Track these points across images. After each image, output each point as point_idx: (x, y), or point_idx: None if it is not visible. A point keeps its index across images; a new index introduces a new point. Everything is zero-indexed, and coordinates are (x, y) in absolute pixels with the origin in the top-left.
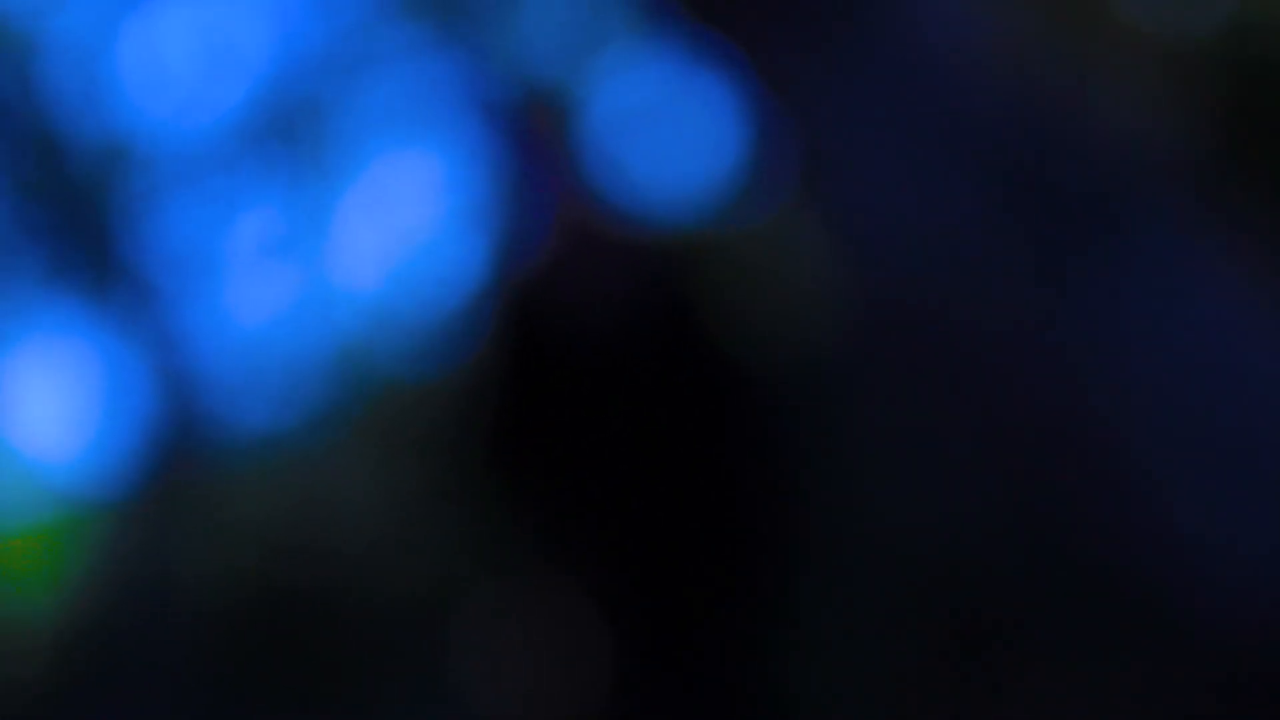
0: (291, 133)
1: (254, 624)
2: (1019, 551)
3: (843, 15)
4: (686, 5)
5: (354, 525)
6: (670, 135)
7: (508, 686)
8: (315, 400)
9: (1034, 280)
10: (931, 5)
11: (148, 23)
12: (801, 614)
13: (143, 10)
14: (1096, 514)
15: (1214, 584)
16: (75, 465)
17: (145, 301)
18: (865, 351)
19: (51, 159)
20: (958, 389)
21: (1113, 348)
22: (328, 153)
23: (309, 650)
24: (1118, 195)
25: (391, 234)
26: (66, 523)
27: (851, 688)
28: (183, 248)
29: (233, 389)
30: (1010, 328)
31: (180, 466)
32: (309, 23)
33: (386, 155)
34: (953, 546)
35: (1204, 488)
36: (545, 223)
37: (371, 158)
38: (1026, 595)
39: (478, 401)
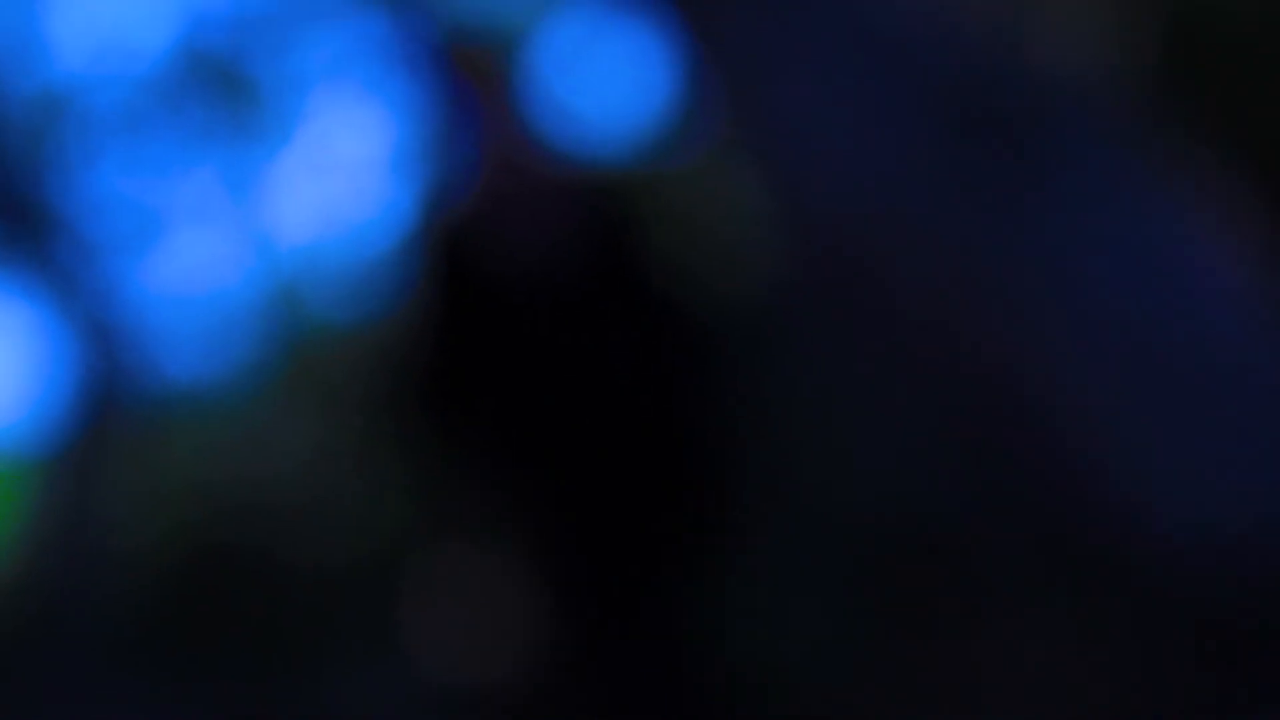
0: (222, 81)
1: (189, 577)
2: (969, 491)
3: None
4: None
5: (289, 475)
6: (602, 75)
7: (448, 631)
8: (249, 350)
9: (973, 213)
10: None
11: None
12: (745, 560)
13: None
14: (1044, 449)
15: (1164, 516)
16: (8, 420)
17: (76, 255)
18: (802, 289)
19: None
20: (897, 326)
21: (1056, 281)
22: (258, 102)
23: (244, 603)
24: (1056, 122)
25: (323, 181)
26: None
27: (796, 629)
28: (113, 200)
29: (165, 341)
30: (950, 262)
31: (114, 419)
32: None
33: (318, 101)
34: (900, 486)
35: (1156, 423)
36: (478, 166)
37: (303, 104)
38: (976, 535)
39: (413, 346)
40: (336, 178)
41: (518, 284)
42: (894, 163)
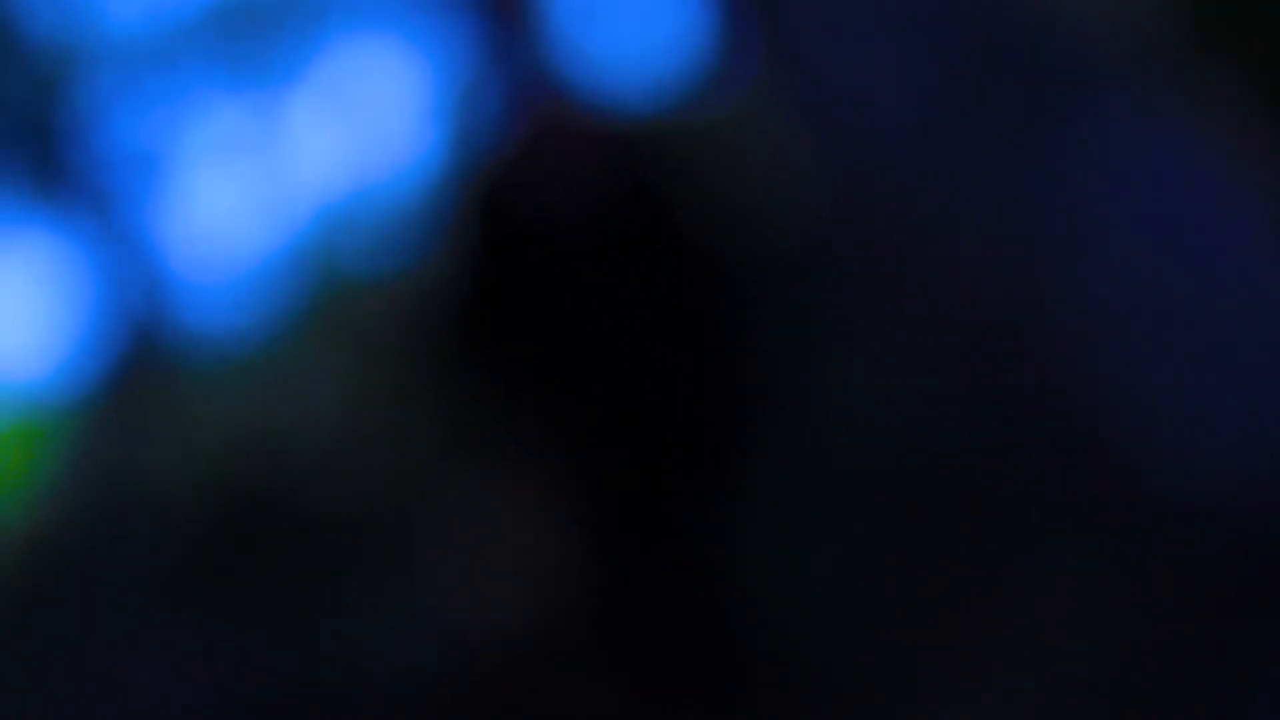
0: (246, 26)
1: (221, 527)
2: (990, 434)
3: None
4: None
5: (321, 426)
6: (635, 21)
7: (478, 585)
8: (279, 300)
9: (1003, 160)
10: None
11: None
12: (774, 502)
13: None
14: (1071, 396)
15: (1188, 463)
16: (35, 371)
17: (102, 205)
18: (833, 234)
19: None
20: (926, 271)
21: (1082, 225)
22: (285, 46)
23: (277, 553)
24: (1086, 73)
25: (352, 127)
26: (27, 429)
27: (823, 580)
28: (138, 149)
29: (194, 291)
30: (979, 207)
31: (142, 370)
32: None
33: (344, 45)
34: (923, 429)
35: (1175, 366)
36: (511, 113)
37: (329, 48)
38: (998, 477)
39: (445, 297)
40: (368, 123)
41: (551, 232)
42: (923, 109)
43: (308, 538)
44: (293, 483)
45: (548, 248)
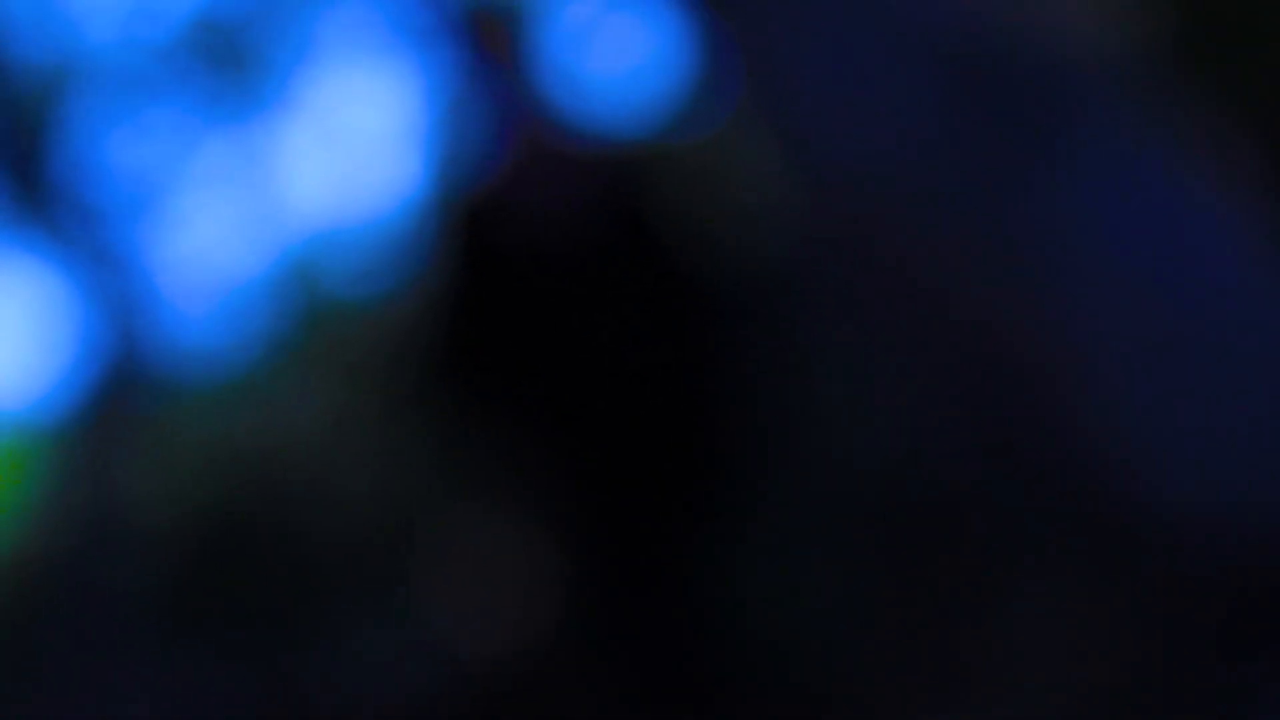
0: (239, 49)
1: (207, 547)
2: (977, 457)
3: None
4: None
5: (309, 449)
6: (619, 47)
7: (465, 602)
8: (266, 322)
9: (984, 182)
10: None
11: None
12: (759, 525)
13: None
14: (1053, 418)
15: (1173, 485)
16: (23, 393)
17: (90, 229)
18: (817, 258)
19: None
20: (911, 294)
21: (1067, 250)
22: (276, 71)
23: (262, 572)
24: (1070, 97)
25: (341, 153)
26: (16, 450)
27: (809, 599)
28: (129, 172)
29: (181, 315)
30: (963, 232)
31: (129, 391)
32: None
33: (336, 72)
34: (909, 453)
35: (1162, 389)
36: (497, 139)
37: (321, 75)
38: (988, 499)
39: (431, 319)
40: (356, 148)
41: (536, 256)
42: (907, 132)
43: (296, 559)
44: (281, 505)
45: (533, 272)
